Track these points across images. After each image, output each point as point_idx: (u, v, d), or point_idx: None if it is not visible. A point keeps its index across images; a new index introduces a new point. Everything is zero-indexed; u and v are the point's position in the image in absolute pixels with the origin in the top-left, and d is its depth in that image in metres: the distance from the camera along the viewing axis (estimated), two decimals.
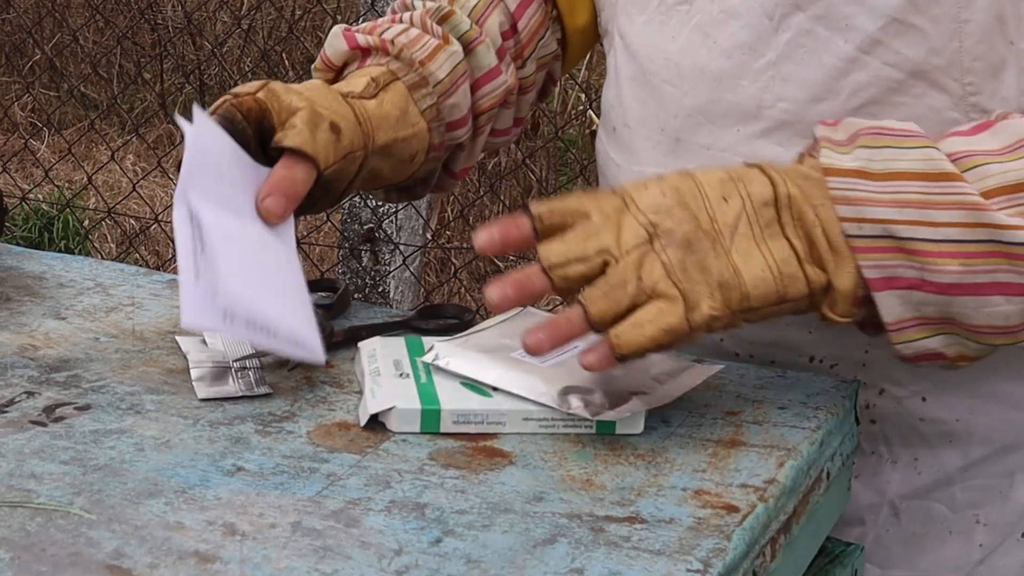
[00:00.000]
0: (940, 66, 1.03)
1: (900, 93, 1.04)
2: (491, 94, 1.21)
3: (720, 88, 1.10)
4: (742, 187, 0.95)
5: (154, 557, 0.78)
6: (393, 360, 1.00)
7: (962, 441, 1.12)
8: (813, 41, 1.06)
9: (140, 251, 4.13)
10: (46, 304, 1.15)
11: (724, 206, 0.94)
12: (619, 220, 0.93)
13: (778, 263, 0.94)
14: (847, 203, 0.94)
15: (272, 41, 5.18)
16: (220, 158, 1.00)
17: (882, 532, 1.14)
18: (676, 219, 0.93)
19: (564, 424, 0.95)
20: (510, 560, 0.79)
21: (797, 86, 1.07)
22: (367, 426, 0.95)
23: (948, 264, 0.93)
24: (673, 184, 0.95)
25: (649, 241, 0.93)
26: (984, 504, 1.14)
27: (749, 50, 1.09)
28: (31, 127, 4.98)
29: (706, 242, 0.93)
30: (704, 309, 0.92)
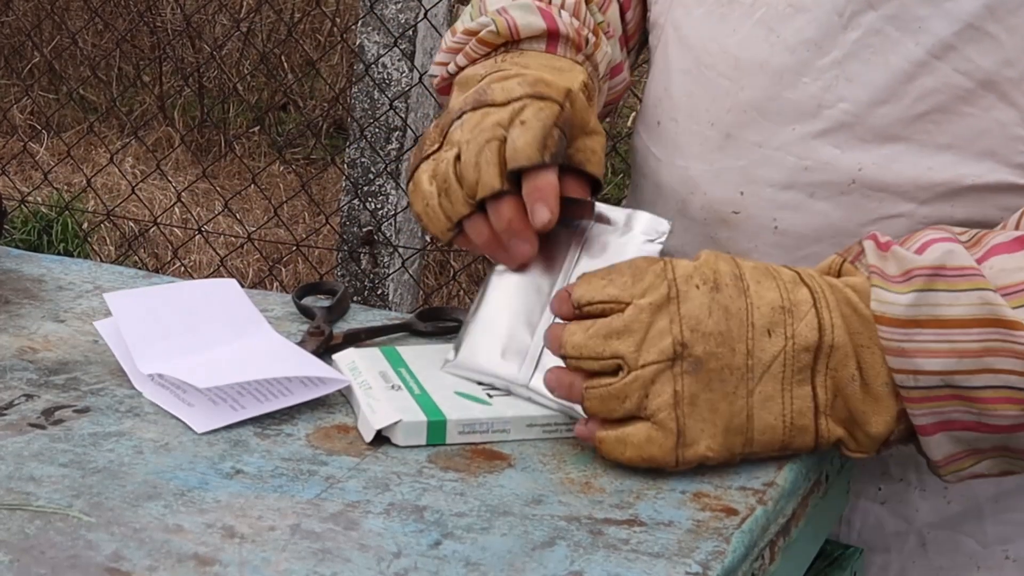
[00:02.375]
0: (1012, 79, 1.00)
1: (968, 103, 1.01)
2: (614, 89, 1.22)
3: (780, 84, 1.07)
4: (790, 324, 0.90)
5: (153, 560, 0.78)
6: (379, 372, 1.00)
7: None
8: (882, 41, 1.03)
9: (139, 254, 4.12)
10: (45, 307, 1.15)
11: (766, 341, 0.90)
12: (652, 321, 0.89)
13: (794, 414, 0.91)
14: (901, 355, 0.90)
15: (271, 44, 5.18)
16: (155, 316, 1.04)
17: (907, 563, 1.12)
18: (710, 348, 0.89)
19: (567, 428, 0.96)
20: (509, 563, 0.79)
21: (861, 87, 1.04)
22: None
23: (1008, 410, 0.90)
24: (723, 303, 0.90)
25: (671, 361, 0.89)
26: (1014, 540, 1.11)
27: (814, 47, 1.05)
28: (30, 130, 4.98)
29: (731, 382, 0.90)
30: (700, 449, 0.90)
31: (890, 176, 1.03)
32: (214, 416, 0.96)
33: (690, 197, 1.11)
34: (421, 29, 3.26)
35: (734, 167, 1.08)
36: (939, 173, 1.02)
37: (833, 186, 1.04)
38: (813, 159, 1.04)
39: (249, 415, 0.96)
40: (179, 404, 0.97)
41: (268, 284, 3.98)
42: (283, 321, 1.13)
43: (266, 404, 0.97)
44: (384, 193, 3.34)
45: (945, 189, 1.02)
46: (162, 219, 4.07)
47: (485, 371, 0.99)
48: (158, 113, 5.06)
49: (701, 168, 1.10)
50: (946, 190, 1.02)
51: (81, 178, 4.33)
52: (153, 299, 1.06)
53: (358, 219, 3.36)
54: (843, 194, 1.04)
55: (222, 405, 0.96)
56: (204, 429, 0.94)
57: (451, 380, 0.99)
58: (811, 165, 1.05)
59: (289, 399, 0.98)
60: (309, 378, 0.99)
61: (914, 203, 1.03)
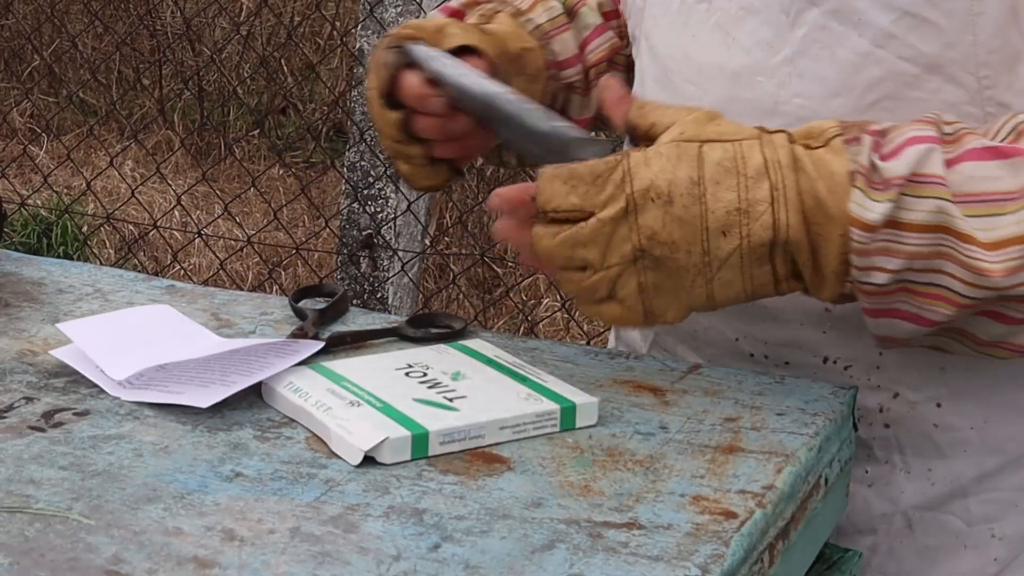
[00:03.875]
0: (955, 60, 1.02)
1: (915, 88, 1.04)
2: (599, 48, 1.27)
3: (739, 85, 1.10)
4: (745, 224, 0.96)
5: (153, 563, 0.78)
6: (326, 390, 0.97)
7: (976, 451, 1.11)
8: (828, 36, 1.05)
9: (139, 257, 4.12)
10: (45, 310, 1.15)
11: (721, 240, 0.96)
12: (613, 231, 0.96)
13: (755, 287, 0.99)
14: (864, 255, 0.96)
15: (271, 47, 5.18)
16: (112, 336, 1.06)
17: (895, 543, 1.13)
18: (668, 248, 0.96)
19: (534, 427, 0.96)
20: (508, 566, 0.79)
21: (813, 82, 1.06)
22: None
23: (944, 308, 0.97)
24: (679, 212, 0.96)
25: (633, 261, 0.97)
26: (1000, 518, 1.13)
27: (767, 46, 1.08)
28: (30, 133, 4.98)
29: (689, 276, 0.97)
30: (668, 319, 0.99)
31: None
32: (210, 394, 0.96)
33: None
34: None
35: None
36: None
37: None
38: None
39: (242, 387, 0.97)
40: (168, 395, 0.97)
41: (268, 287, 3.98)
42: (282, 324, 1.14)
43: (254, 375, 0.98)
44: (384, 196, 3.35)
45: None
46: (162, 222, 4.07)
47: None
48: (158, 116, 5.06)
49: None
50: None
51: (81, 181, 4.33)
52: (106, 324, 1.08)
53: (358, 222, 3.36)
54: None
55: (212, 386, 0.97)
56: (208, 404, 0.95)
57: (402, 388, 0.98)
58: None
59: (273, 367, 0.99)
60: (283, 346, 1.01)
61: None
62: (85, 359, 1.02)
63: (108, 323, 1.08)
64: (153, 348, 1.04)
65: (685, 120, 0.99)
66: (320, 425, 0.94)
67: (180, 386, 0.98)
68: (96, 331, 1.06)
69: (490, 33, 1.17)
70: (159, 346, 1.05)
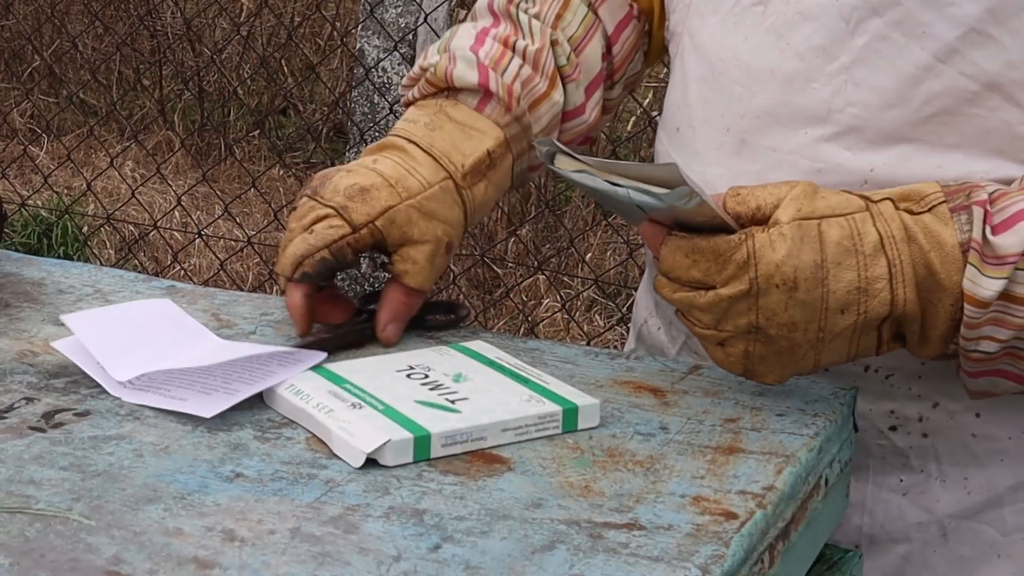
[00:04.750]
0: (1016, 80, 1.02)
1: (974, 105, 1.03)
2: (572, 130, 1.25)
3: (790, 90, 1.09)
4: (863, 303, 0.97)
5: (153, 563, 0.78)
6: (328, 392, 0.97)
7: (1014, 460, 1.12)
8: (889, 47, 1.05)
9: (139, 257, 4.12)
10: (45, 310, 1.15)
11: (838, 318, 0.98)
12: (731, 306, 0.97)
13: (859, 351, 1.01)
14: (975, 328, 0.98)
15: (271, 48, 5.18)
16: (113, 332, 1.06)
17: (929, 553, 1.13)
18: (786, 328, 0.97)
19: (536, 429, 0.96)
20: (509, 566, 0.79)
21: (869, 91, 1.06)
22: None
23: None
24: (802, 297, 0.97)
25: (747, 333, 0.98)
26: None
27: (822, 53, 1.07)
28: (30, 133, 4.98)
29: (802, 349, 0.99)
30: (767, 380, 1.01)
31: (901, 175, 1.05)
32: (213, 403, 0.96)
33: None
34: (421, 33, 3.27)
35: (750, 171, 1.10)
36: (949, 171, 1.04)
37: (846, 187, 1.04)
38: (825, 162, 1.07)
39: (245, 396, 0.97)
40: (171, 401, 0.97)
41: (268, 288, 3.98)
42: (283, 325, 1.14)
43: (257, 384, 0.98)
44: None
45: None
46: (162, 223, 4.07)
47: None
48: (158, 117, 5.06)
49: (718, 172, 1.12)
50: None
51: (81, 182, 4.33)
52: (107, 318, 1.08)
53: None
54: None
55: (215, 394, 0.97)
56: (211, 414, 0.95)
57: (403, 390, 0.98)
58: (824, 168, 1.07)
59: (276, 376, 0.99)
60: (286, 355, 1.01)
61: None
62: (86, 354, 1.02)
63: (111, 316, 1.08)
64: (155, 348, 1.04)
65: (795, 194, 0.98)
66: (322, 427, 0.94)
67: (183, 391, 0.98)
68: (99, 325, 1.05)
69: (467, 215, 1.15)
70: (161, 346, 1.05)
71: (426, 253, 1.11)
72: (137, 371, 1.00)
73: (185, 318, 1.10)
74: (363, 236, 1.10)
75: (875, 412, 1.12)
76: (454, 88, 1.18)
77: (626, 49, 1.27)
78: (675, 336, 1.23)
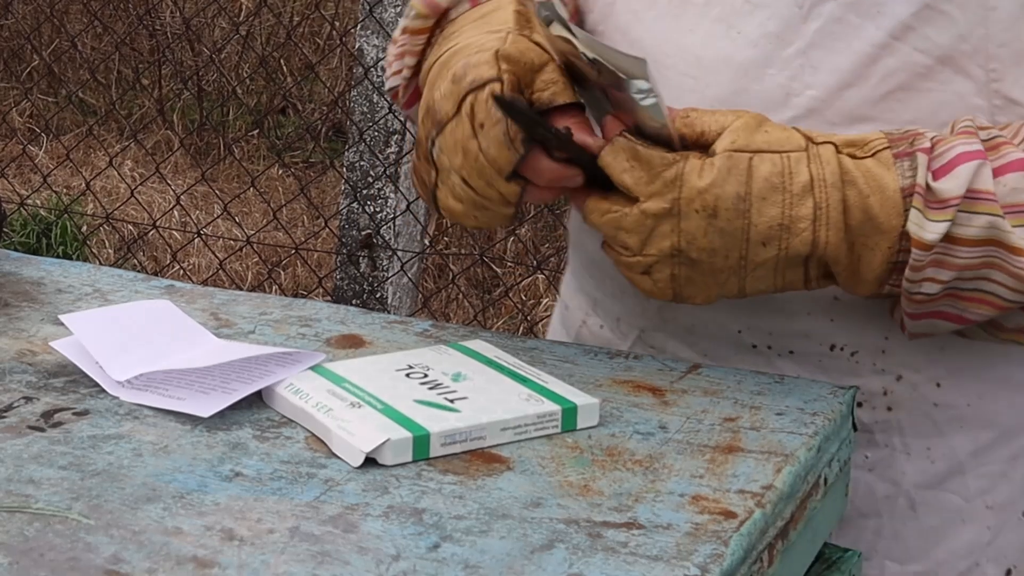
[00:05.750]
0: (967, 52, 1.04)
1: (928, 79, 1.05)
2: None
3: (746, 78, 1.10)
4: (784, 239, 1.00)
5: (152, 562, 0.78)
6: (327, 392, 0.97)
7: (972, 426, 1.14)
8: (844, 28, 1.07)
9: (138, 256, 4.12)
10: (44, 310, 1.15)
11: (760, 249, 1.01)
12: (655, 226, 1.00)
13: (785, 284, 1.04)
14: (916, 270, 1.00)
15: (270, 47, 5.18)
16: (112, 332, 1.05)
17: (899, 525, 1.15)
18: (706, 253, 1.00)
19: (535, 428, 0.96)
20: (508, 566, 0.79)
21: (827, 73, 1.07)
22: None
23: (986, 310, 1.04)
24: (721, 225, 0.99)
25: (670, 256, 1.01)
26: (992, 489, 1.16)
27: (777, 39, 1.09)
28: (29, 133, 4.98)
29: (724, 274, 1.02)
30: (696, 301, 1.04)
31: None
32: (211, 402, 0.96)
33: None
34: None
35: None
36: None
37: None
38: None
39: (243, 395, 0.97)
40: (169, 401, 0.97)
41: (267, 287, 3.98)
42: (281, 324, 1.14)
43: (255, 383, 0.98)
44: (383, 196, 3.35)
45: None
46: (161, 222, 4.06)
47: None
48: (157, 116, 5.06)
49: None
50: None
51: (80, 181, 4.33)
52: (106, 318, 1.08)
53: (357, 222, 3.36)
54: None
55: (213, 393, 0.97)
56: (209, 413, 0.95)
57: (402, 390, 0.98)
58: None
59: (274, 376, 0.99)
60: (284, 356, 1.01)
61: None
62: (85, 354, 1.02)
63: (109, 316, 1.08)
64: (154, 348, 1.04)
65: (736, 126, 1.00)
66: (321, 426, 0.94)
67: (181, 391, 0.98)
68: (97, 324, 1.06)
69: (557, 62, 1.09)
70: (160, 346, 1.05)
71: (552, 69, 1.05)
72: (136, 371, 1.00)
73: (184, 319, 1.10)
74: (507, 80, 1.02)
75: None
76: (444, 14, 1.15)
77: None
78: (626, 332, 1.23)
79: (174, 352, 1.04)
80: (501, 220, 1.08)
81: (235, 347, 1.06)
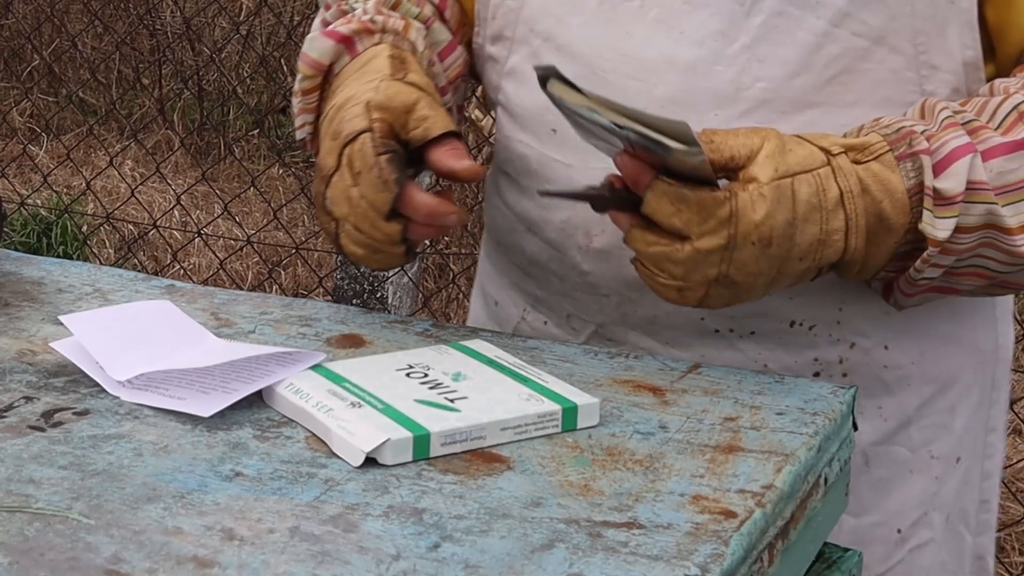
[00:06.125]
0: (897, 30, 1.11)
1: (866, 60, 1.11)
2: (454, 64, 1.25)
3: (694, 76, 1.13)
4: (820, 252, 1.04)
5: (152, 562, 0.78)
6: (327, 391, 0.97)
7: (917, 382, 1.22)
8: (786, 21, 1.11)
9: (139, 256, 4.13)
10: (44, 309, 1.15)
11: (796, 264, 1.05)
12: (705, 259, 1.02)
13: (798, 282, 1.08)
14: (927, 263, 1.06)
15: (271, 47, 5.18)
16: (112, 332, 1.05)
17: (855, 480, 1.18)
18: (752, 277, 1.03)
19: (535, 428, 0.96)
20: (508, 565, 0.79)
21: (774, 65, 1.12)
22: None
23: (976, 281, 1.10)
24: (773, 252, 1.02)
25: (714, 281, 1.03)
26: (935, 439, 1.24)
27: (721, 36, 1.12)
28: (30, 132, 4.98)
29: (757, 289, 1.05)
30: (713, 307, 1.07)
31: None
32: (212, 402, 0.96)
33: None
34: None
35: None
36: (852, 127, 1.11)
37: None
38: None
39: (244, 394, 0.97)
40: (169, 400, 0.97)
41: (267, 287, 3.98)
42: (282, 324, 1.14)
43: (255, 383, 0.98)
44: None
45: None
46: (161, 222, 4.07)
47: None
48: (157, 116, 5.06)
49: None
50: None
51: (80, 181, 4.33)
52: (106, 318, 1.08)
53: None
54: None
55: (213, 393, 0.97)
56: (209, 413, 0.95)
57: (403, 389, 0.98)
58: None
59: (275, 375, 0.99)
60: (285, 356, 1.01)
61: None
62: (85, 354, 1.02)
63: (110, 317, 1.08)
64: (154, 348, 1.04)
65: (770, 151, 1.03)
66: (321, 426, 0.94)
67: (181, 391, 0.98)
68: (98, 325, 1.06)
69: (431, 93, 1.12)
70: (160, 346, 1.05)
71: (427, 102, 1.10)
72: (136, 371, 1.00)
73: (184, 319, 1.10)
74: (379, 126, 1.08)
75: (801, 363, 1.19)
76: (323, 68, 1.17)
77: (456, 15, 1.27)
78: (579, 328, 1.25)
79: (174, 352, 1.04)
80: (397, 260, 1.12)
81: (235, 347, 1.06)
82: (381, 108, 1.08)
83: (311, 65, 1.18)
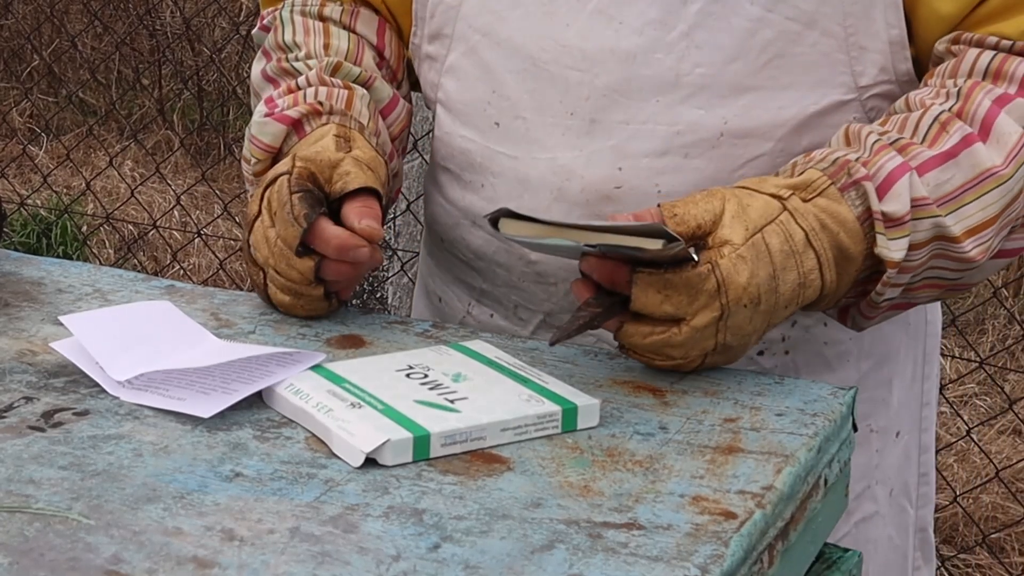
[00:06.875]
0: (827, 13, 1.14)
1: (799, 44, 1.15)
2: (397, 120, 1.28)
3: (635, 64, 1.16)
4: (802, 294, 1.07)
5: (152, 562, 0.78)
6: (327, 392, 0.97)
7: (855, 358, 1.26)
8: (722, 8, 1.14)
9: (138, 256, 4.13)
10: (44, 310, 1.15)
11: (782, 312, 1.07)
12: (703, 336, 1.03)
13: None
14: (888, 285, 1.09)
15: None
16: (112, 332, 1.05)
17: None
18: (746, 337, 1.05)
19: (535, 429, 0.96)
20: (508, 566, 0.79)
21: (712, 51, 1.15)
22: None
23: (931, 292, 1.14)
24: (763, 308, 1.05)
25: (713, 351, 1.05)
26: (873, 413, 1.29)
27: (660, 25, 1.15)
28: (29, 133, 4.98)
29: (748, 346, 1.07)
30: (712, 366, 1.08)
31: (751, 123, 1.16)
32: (211, 402, 0.96)
33: (566, 184, 1.19)
34: None
35: (605, 147, 1.17)
36: (788, 110, 1.16)
37: (705, 143, 1.16)
38: (683, 123, 1.16)
39: (244, 395, 0.97)
40: (169, 401, 0.97)
41: None
42: (282, 324, 1.14)
43: (255, 383, 0.98)
44: None
45: (795, 123, 1.16)
46: (161, 222, 4.07)
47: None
48: (157, 116, 5.06)
49: (571, 155, 1.18)
50: (795, 123, 1.16)
51: (80, 181, 4.33)
52: (106, 319, 1.08)
53: None
54: (714, 148, 1.16)
55: (213, 394, 0.97)
56: (209, 414, 0.95)
57: (403, 390, 0.98)
58: (682, 129, 1.16)
59: (275, 376, 0.99)
60: (285, 356, 1.01)
61: (771, 141, 1.16)
62: (85, 354, 1.02)
63: (109, 317, 1.08)
64: (154, 348, 1.04)
65: (733, 211, 1.04)
66: (321, 427, 0.94)
67: (181, 391, 0.98)
68: (97, 325, 1.06)
69: (367, 163, 1.15)
70: (160, 347, 1.05)
71: (350, 161, 1.13)
72: (136, 371, 1.00)
73: (184, 319, 1.10)
74: (298, 171, 1.12)
75: None
76: (273, 150, 1.21)
77: (395, 49, 1.31)
78: (526, 318, 1.26)
79: (174, 352, 1.04)
80: (319, 305, 1.13)
81: (235, 347, 1.06)
82: (306, 159, 1.13)
83: (264, 149, 1.21)
